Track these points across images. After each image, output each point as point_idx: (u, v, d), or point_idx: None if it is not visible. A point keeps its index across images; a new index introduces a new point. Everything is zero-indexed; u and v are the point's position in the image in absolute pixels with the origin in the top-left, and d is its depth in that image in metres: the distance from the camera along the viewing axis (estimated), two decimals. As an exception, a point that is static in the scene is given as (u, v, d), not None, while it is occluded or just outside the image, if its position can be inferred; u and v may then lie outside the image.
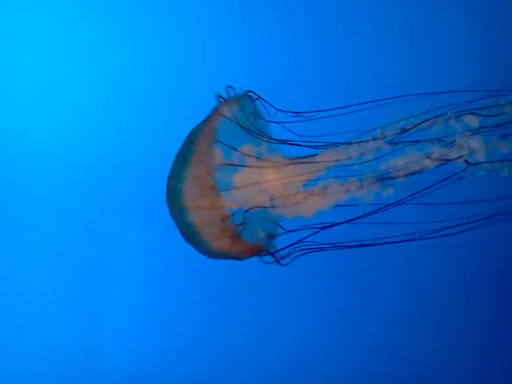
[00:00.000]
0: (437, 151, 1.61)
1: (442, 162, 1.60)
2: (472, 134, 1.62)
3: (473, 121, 1.63)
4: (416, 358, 2.71)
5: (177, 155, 1.80)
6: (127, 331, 2.73)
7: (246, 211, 1.76)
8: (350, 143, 1.69)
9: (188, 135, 1.80)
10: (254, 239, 1.79)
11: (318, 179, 1.73)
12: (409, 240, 1.66)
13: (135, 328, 2.74)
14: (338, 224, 1.68)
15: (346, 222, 1.67)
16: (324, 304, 2.70)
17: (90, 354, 2.72)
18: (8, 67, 2.72)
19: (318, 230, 1.71)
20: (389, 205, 1.64)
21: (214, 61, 2.71)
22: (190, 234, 1.79)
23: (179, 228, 1.82)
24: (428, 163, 1.62)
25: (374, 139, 1.66)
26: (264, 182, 1.77)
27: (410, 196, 1.63)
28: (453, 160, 1.59)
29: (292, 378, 2.73)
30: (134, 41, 2.72)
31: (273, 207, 1.79)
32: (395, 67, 2.62)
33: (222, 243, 1.75)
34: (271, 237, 1.82)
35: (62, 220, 2.72)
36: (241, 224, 1.77)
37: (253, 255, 1.81)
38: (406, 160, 1.63)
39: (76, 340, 2.72)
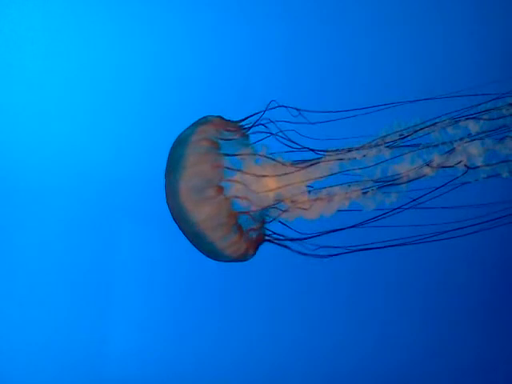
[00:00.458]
0: (437, 157, 1.63)
1: (443, 168, 1.61)
2: (471, 139, 1.63)
3: (472, 125, 1.65)
4: (416, 359, 2.73)
5: (170, 156, 1.80)
6: (128, 332, 2.74)
7: (250, 210, 1.78)
8: (351, 149, 1.70)
9: (180, 136, 1.81)
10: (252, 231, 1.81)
11: (321, 184, 1.74)
12: (410, 244, 1.68)
13: (136, 328, 2.74)
14: (357, 226, 1.70)
15: (354, 226, 1.69)
16: (324, 305, 2.71)
17: (91, 354, 2.73)
18: (4, 69, 2.72)
19: (323, 233, 1.73)
20: (392, 210, 1.65)
21: (212, 61, 2.71)
22: (193, 234, 1.79)
23: (182, 229, 1.82)
24: (428, 170, 1.63)
25: (376, 145, 1.67)
26: (263, 185, 1.78)
27: (413, 201, 1.65)
28: (453, 166, 1.61)
29: (293, 379, 2.75)
30: (130, 42, 2.71)
31: (274, 208, 1.80)
32: (394, 71, 2.62)
33: (228, 240, 1.76)
34: (263, 223, 1.84)
35: (64, 221, 2.72)
36: (245, 216, 1.79)
37: (255, 250, 1.83)
38: (407, 167, 1.65)
39: (77, 341, 2.72)
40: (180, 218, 1.78)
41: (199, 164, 1.72)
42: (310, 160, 1.78)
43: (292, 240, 1.79)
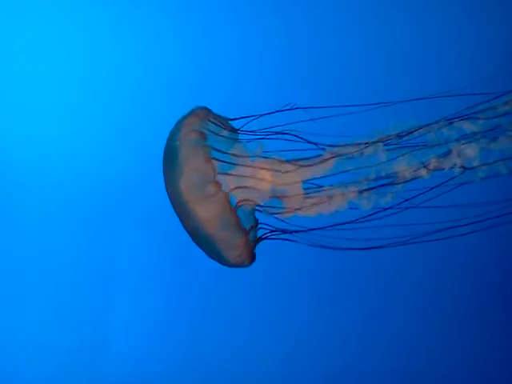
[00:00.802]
0: (433, 159, 1.62)
1: (440, 169, 1.61)
2: (468, 139, 1.63)
3: (468, 126, 1.64)
4: (413, 359, 2.73)
5: (165, 154, 1.79)
6: (129, 332, 2.75)
7: (248, 205, 1.78)
8: (349, 147, 1.70)
9: (170, 133, 1.80)
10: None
11: (319, 183, 1.74)
12: (408, 244, 1.68)
13: (138, 329, 2.75)
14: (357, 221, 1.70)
15: (351, 222, 1.69)
16: (317, 305, 2.72)
17: (91, 355, 2.74)
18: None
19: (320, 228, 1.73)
20: (385, 209, 1.65)
21: (209, 61, 2.71)
22: (197, 234, 1.78)
23: (189, 231, 1.81)
24: (425, 171, 1.63)
25: (373, 144, 1.67)
26: (260, 181, 1.78)
27: (406, 201, 1.65)
28: (450, 168, 1.61)
29: (293, 379, 2.76)
30: (125, 41, 2.71)
31: (271, 207, 1.80)
32: (391, 71, 2.62)
33: (231, 242, 1.75)
34: (258, 222, 1.84)
35: (64, 221, 2.73)
36: (243, 213, 1.78)
37: (254, 256, 1.83)
38: (404, 167, 1.64)
39: (78, 342, 2.73)
40: (183, 215, 1.78)
41: (193, 158, 1.71)
42: (307, 158, 1.78)
43: (287, 233, 1.79)
